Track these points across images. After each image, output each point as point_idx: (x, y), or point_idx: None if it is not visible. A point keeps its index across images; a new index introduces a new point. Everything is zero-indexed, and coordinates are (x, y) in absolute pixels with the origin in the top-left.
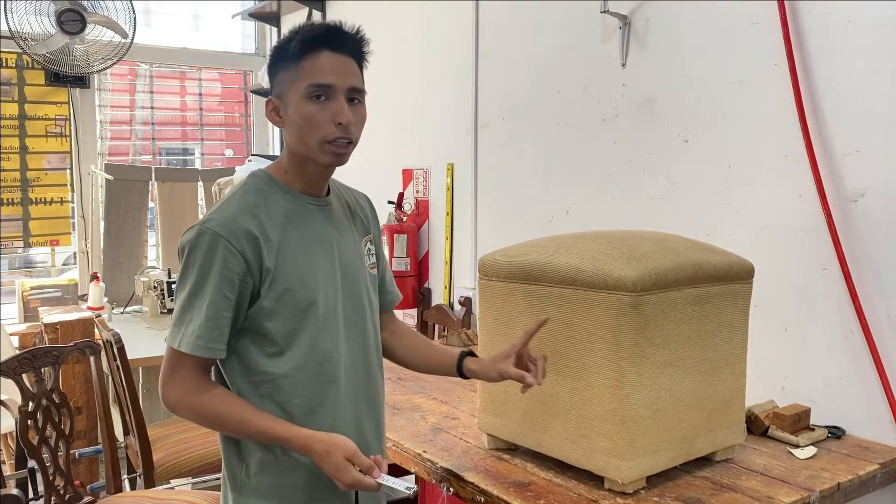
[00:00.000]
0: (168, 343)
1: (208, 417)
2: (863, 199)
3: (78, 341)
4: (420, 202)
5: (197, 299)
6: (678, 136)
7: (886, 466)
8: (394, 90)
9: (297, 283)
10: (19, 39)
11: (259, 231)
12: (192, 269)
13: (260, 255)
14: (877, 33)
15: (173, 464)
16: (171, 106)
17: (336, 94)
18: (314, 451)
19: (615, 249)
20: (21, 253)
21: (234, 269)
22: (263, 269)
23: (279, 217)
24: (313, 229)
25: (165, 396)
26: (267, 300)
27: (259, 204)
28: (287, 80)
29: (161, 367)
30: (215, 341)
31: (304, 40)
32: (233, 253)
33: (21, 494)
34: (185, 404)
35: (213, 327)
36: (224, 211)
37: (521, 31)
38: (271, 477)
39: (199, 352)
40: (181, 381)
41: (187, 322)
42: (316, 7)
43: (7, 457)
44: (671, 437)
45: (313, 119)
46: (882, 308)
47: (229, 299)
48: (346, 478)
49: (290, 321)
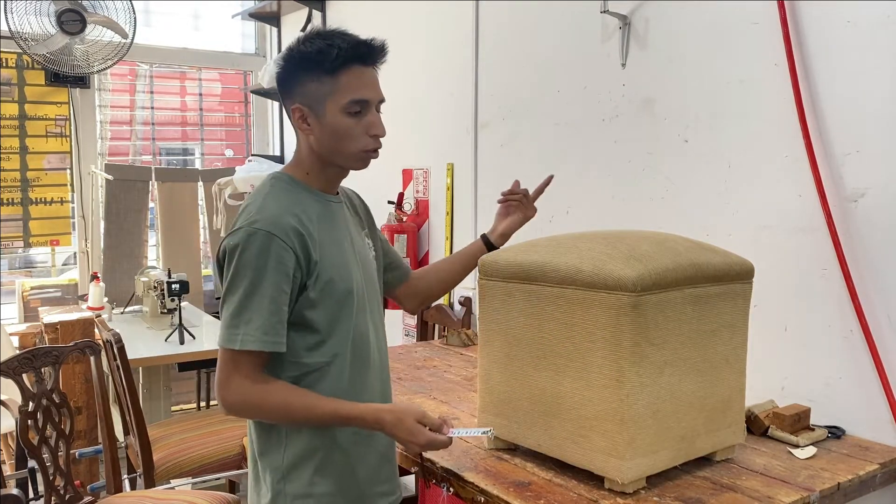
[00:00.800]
0: (225, 346)
1: (274, 410)
2: (863, 200)
3: (78, 341)
4: (420, 202)
5: (255, 297)
6: (678, 136)
7: (886, 466)
8: (394, 90)
9: (336, 275)
10: (19, 39)
11: (302, 227)
12: (245, 269)
13: (307, 249)
14: (877, 33)
15: (173, 464)
16: (171, 106)
17: (370, 107)
18: (386, 421)
19: (615, 249)
20: (21, 253)
21: (289, 264)
22: (312, 263)
23: (312, 214)
24: (338, 225)
25: (226, 398)
26: (313, 291)
27: (294, 202)
28: (321, 93)
29: (217, 373)
30: (279, 335)
31: (344, 56)
32: (286, 249)
33: (21, 494)
34: (250, 402)
35: (277, 321)
36: (266, 211)
37: (521, 31)
38: (313, 463)
39: (266, 346)
40: (243, 380)
41: (246, 321)
42: (316, 7)
43: (7, 457)
44: (671, 437)
45: (352, 131)
46: (882, 308)
47: (286, 294)
48: (422, 439)
49: (331, 311)
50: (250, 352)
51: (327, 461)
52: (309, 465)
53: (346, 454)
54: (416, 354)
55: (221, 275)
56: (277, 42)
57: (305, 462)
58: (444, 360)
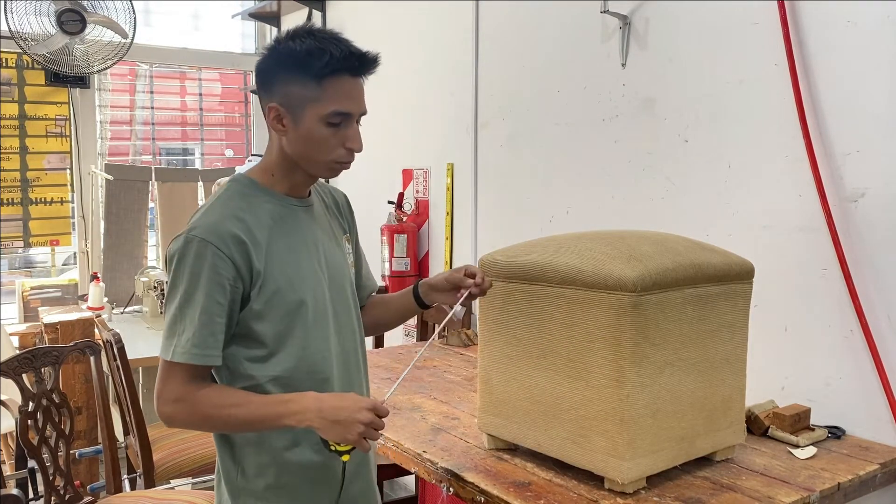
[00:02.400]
0: (161, 356)
1: (206, 414)
2: (863, 200)
3: (78, 341)
4: (420, 202)
5: (189, 308)
6: (678, 136)
7: (886, 466)
8: (394, 90)
9: (285, 285)
10: (19, 39)
11: (246, 235)
12: (181, 278)
13: (249, 258)
14: (877, 33)
15: (173, 464)
16: (171, 106)
17: (351, 120)
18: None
19: (615, 249)
20: (21, 253)
21: (225, 273)
22: (253, 272)
23: (265, 220)
24: (299, 230)
25: (161, 409)
26: (257, 303)
27: (243, 208)
28: (303, 97)
29: (155, 384)
30: (211, 348)
31: (334, 65)
32: (222, 258)
33: (21, 494)
34: (182, 411)
35: (209, 334)
36: (208, 217)
37: (521, 31)
38: (266, 479)
39: (195, 360)
40: (175, 390)
41: (180, 332)
42: (316, 7)
43: (7, 457)
44: (671, 437)
45: (327, 142)
46: (882, 308)
47: (221, 304)
48: (367, 404)
49: (279, 323)
50: (183, 363)
51: (281, 481)
52: (260, 482)
53: (302, 476)
54: (416, 354)
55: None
56: None
57: (257, 480)
58: (444, 360)
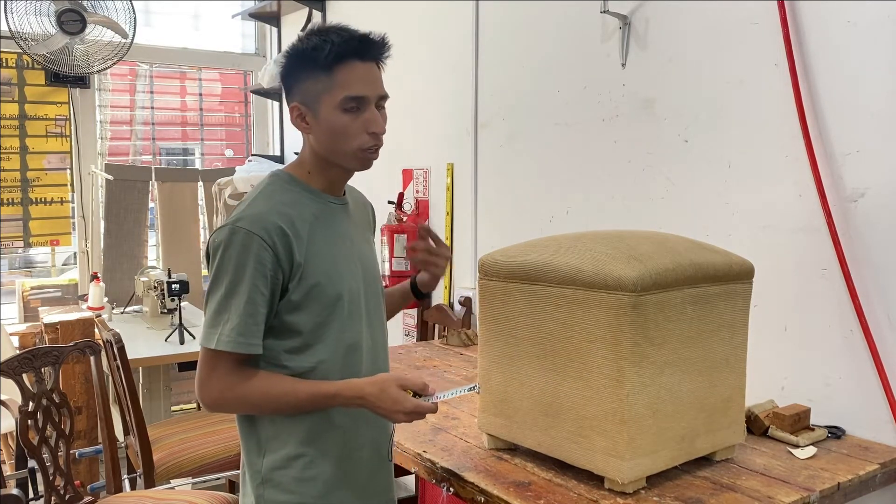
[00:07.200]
0: (203, 344)
1: (254, 400)
2: (863, 199)
3: (78, 341)
4: (420, 202)
5: (234, 297)
6: (678, 136)
7: (886, 466)
8: (394, 90)
9: (325, 279)
10: (19, 39)
11: (289, 227)
12: (226, 268)
13: (291, 250)
14: (877, 33)
15: (173, 464)
16: (172, 106)
17: (368, 104)
18: (368, 393)
19: (615, 249)
20: (21, 253)
21: (268, 264)
22: (294, 264)
23: (307, 215)
24: (337, 226)
25: (204, 396)
26: (296, 294)
27: (286, 202)
28: (317, 90)
29: (196, 371)
30: (254, 336)
31: (337, 51)
32: (266, 249)
33: (21, 494)
34: (228, 398)
35: (253, 323)
36: (253, 208)
37: (521, 31)
38: (293, 472)
39: (240, 348)
40: (220, 378)
41: (224, 321)
42: (316, 7)
43: (7, 457)
44: (671, 437)
45: (348, 129)
46: (882, 308)
47: (264, 295)
48: (408, 405)
49: (317, 315)
50: (228, 352)
51: (310, 471)
52: (289, 473)
53: (332, 466)
54: (416, 354)
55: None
56: (277, 42)
57: (286, 470)
58: (444, 360)
